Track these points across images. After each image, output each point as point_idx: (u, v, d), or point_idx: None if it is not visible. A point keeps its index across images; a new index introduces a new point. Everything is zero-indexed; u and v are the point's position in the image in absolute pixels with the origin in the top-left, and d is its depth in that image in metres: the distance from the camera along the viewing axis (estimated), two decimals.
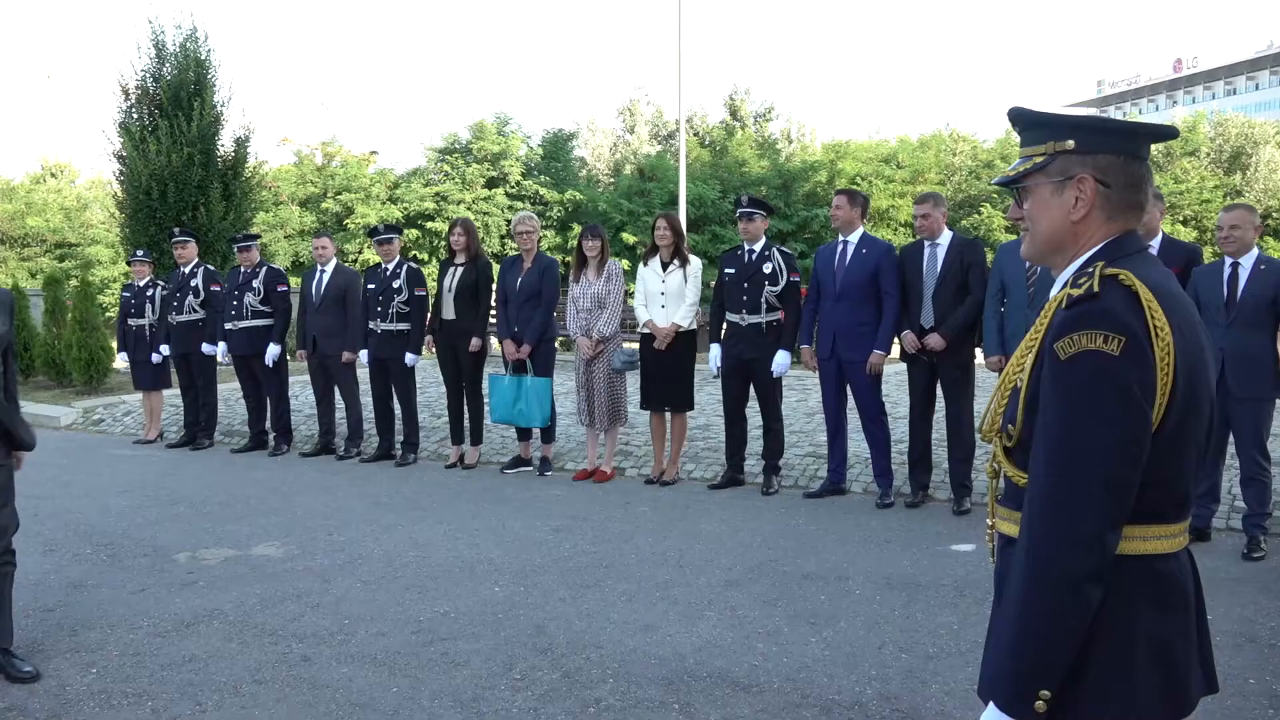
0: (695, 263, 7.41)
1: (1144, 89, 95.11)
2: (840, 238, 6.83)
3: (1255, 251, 5.53)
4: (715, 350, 7.18)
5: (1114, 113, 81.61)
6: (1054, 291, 1.87)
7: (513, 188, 26.91)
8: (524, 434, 8.07)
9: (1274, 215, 27.17)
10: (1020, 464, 1.82)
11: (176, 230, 9.73)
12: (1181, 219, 26.16)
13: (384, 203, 26.81)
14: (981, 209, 27.24)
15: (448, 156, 27.45)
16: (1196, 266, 5.77)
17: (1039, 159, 1.88)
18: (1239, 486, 5.78)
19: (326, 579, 5.27)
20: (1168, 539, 1.76)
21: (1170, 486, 1.75)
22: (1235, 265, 5.49)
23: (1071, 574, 1.66)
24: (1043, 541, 1.68)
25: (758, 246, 7.01)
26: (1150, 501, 1.72)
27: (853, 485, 7.08)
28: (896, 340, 6.70)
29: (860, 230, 6.80)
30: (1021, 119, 1.95)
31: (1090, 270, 1.75)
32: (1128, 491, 1.67)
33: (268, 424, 9.15)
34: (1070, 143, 1.85)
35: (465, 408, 8.25)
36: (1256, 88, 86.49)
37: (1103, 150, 1.84)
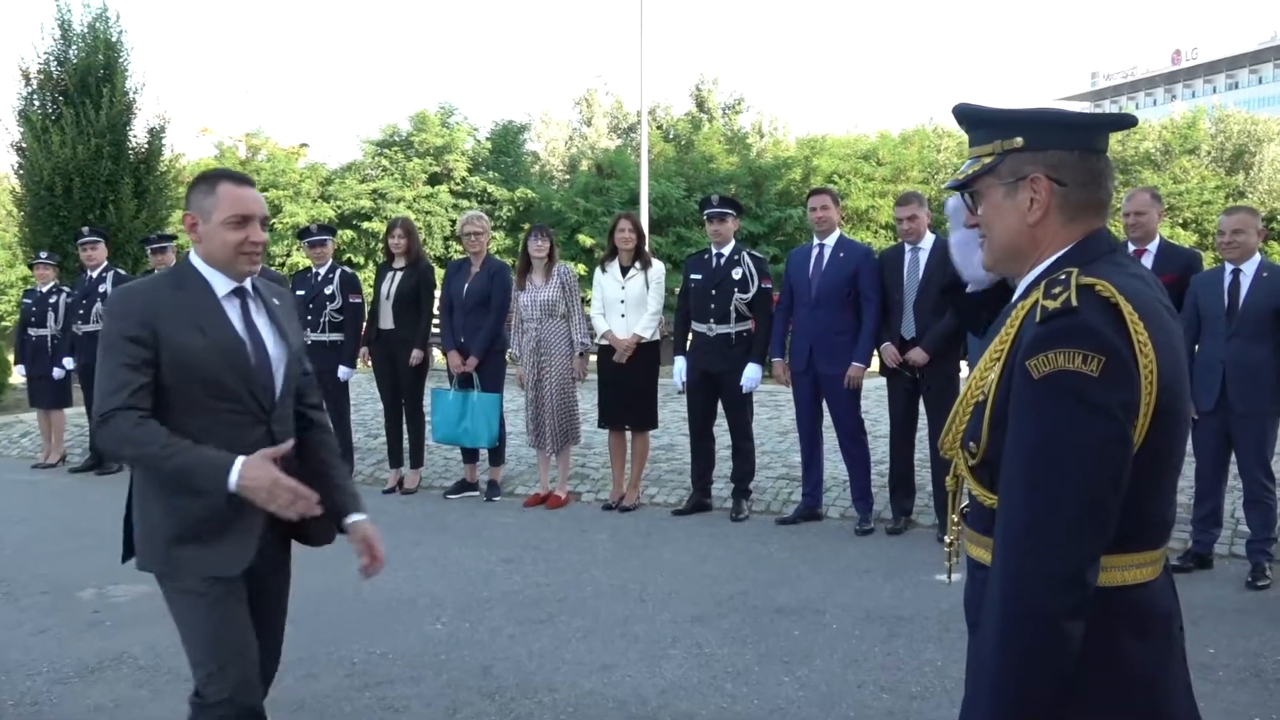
0: (658, 267, 7.45)
1: (1140, 82, 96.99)
2: (815, 240, 6.89)
3: (1258, 258, 5.66)
4: (680, 363, 7.21)
5: (1110, 107, 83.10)
6: (1017, 296, 1.87)
7: (458, 185, 26.83)
8: (470, 455, 8.05)
9: (1278, 219, 27.75)
10: (986, 483, 1.83)
11: (84, 230, 9.60)
12: (1181, 221, 26.63)
13: (315, 200, 26.62)
14: None
15: (386, 150, 27.31)
16: (1195, 273, 5.89)
17: (988, 159, 1.89)
18: (1242, 509, 5.89)
19: None
20: (1150, 566, 1.79)
21: (1152, 511, 1.77)
22: (1237, 272, 5.61)
23: (1051, 612, 1.65)
24: (1019, 578, 1.68)
25: (727, 250, 7.05)
26: (1131, 528, 1.73)
27: (829, 510, 7.13)
28: (876, 352, 6.77)
29: (837, 232, 6.87)
30: (967, 117, 1.96)
31: (1063, 278, 1.74)
32: (1109, 521, 1.68)
33: None
34: (1018, 140, 1.85)
35: (404, 427, 8.22)
36: (1260, 81, 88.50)
37: (1054, 146, 1.84)
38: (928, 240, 6.61)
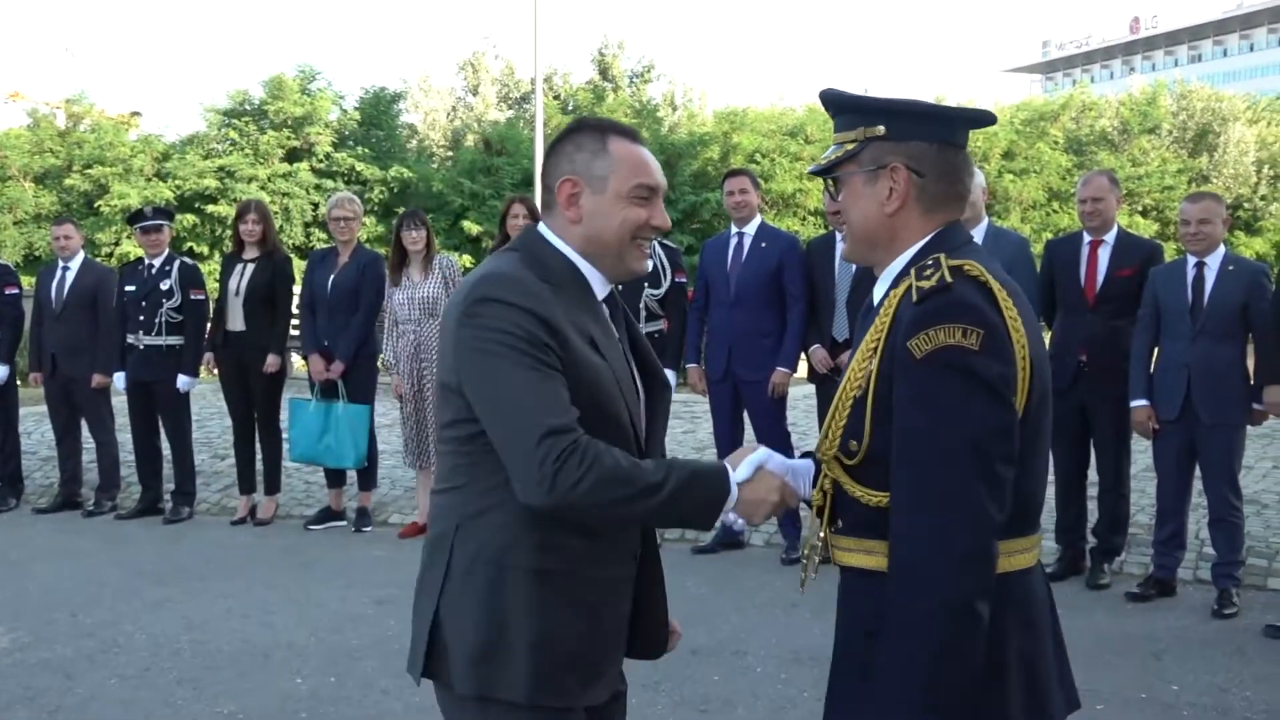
0: None
1: (1096, 52, 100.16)
2: (733, 229, 6.95)
3: (1222, 250, 5.86)
4: None
5: (1063, 80, 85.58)
6: (879, 290, 2.09)
7: (320, 162, 26.47)
8: (335, 479, 7.95)
9: (1244, 206, 28.81)
10: (871, 482, 2.01)
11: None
12: (1140, 209, 27.49)
13: (149, 179, 26.01)
14: None
15: (235, 121, 26.81)
16: (1154, 266, 6.09)
17: (850, 146, 2.11)
18: (1207, 530, 6.10)
19: (70, 674, 5.09)
20: (1031, 552, 2.04)
21: (1028, 493, 2.01)
22: (1200, 265, 5.80)
23: (966, 595, 1.86)
24: (926, 563, 1.87)
25: None
26: (1013, 511, 1.94)
27: (752, 537, 7.18)
28: (804, 356, 6.85)
29: (758, 219, 6.93)
30: (834, 102, 2.17)
31: (931, 262, 1.97)
32: (1005, 493, 1.90)
33: None
34: (881, 128, 2.07)
35: (257, 445, 8.11)
36: (1224, 54, 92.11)
37: (915, 137, 2.07)
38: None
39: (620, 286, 2.44)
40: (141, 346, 8.05)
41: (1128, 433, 6.16)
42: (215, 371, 8.23)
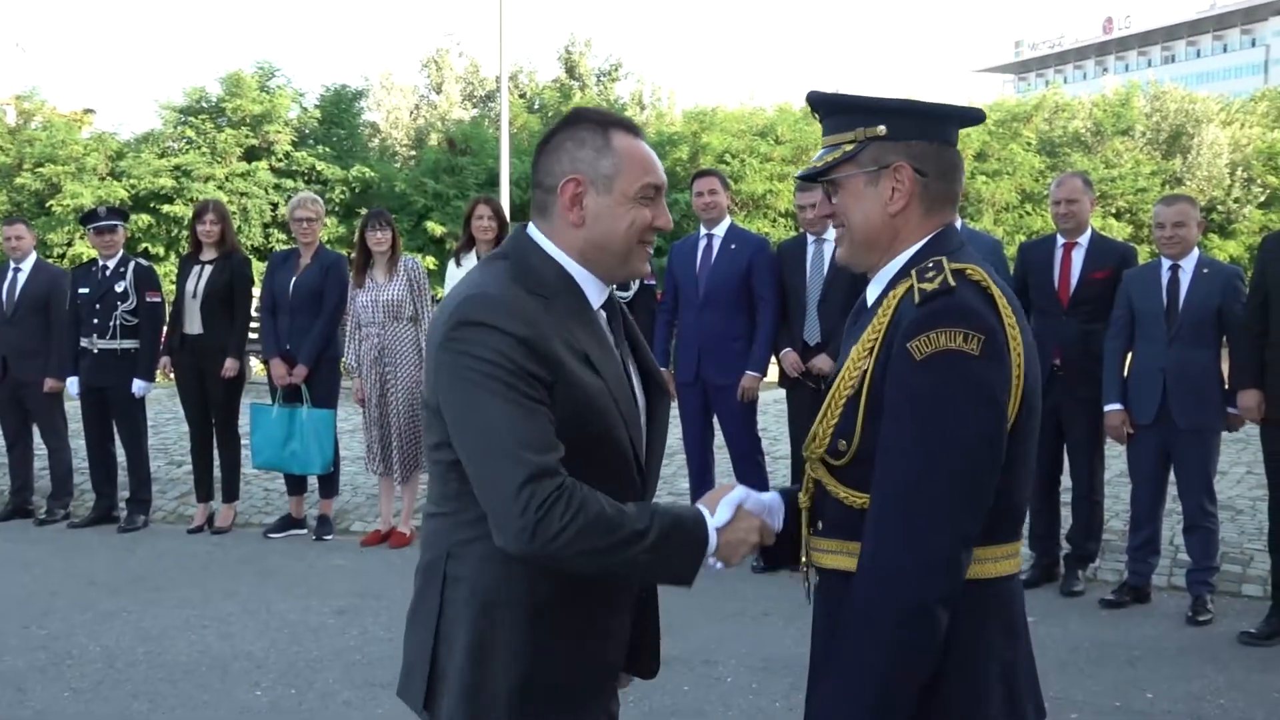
0: None
1: (1069, 53, 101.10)
2: (703, 230, 6.97)
3: (1196, 252, 5.93)
4: None
5: (1035, 80, 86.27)
6: (873, 291, 2.13)
7: (280, 161, 26.32)
8: (295, 486, 7.92)
9: (1218, 209, 29.09)
10: (855, 483, 2.03)
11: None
12: (1114, 211, 27.71)
13: (103, 178, 25.79)
14: None
15: (192, 118, 26.63)
16: (1128, 269, 6.14)
17: (849, 147, 2.12)
18: (1181, 536, 6.16)
19: (21, 687, 5.05)
20: (1013, 559, 2.06)
21: (1015, 500, 2.04)
22: (1175, 268, 5.86)
23: (926, 600, 1.89)
24: (893, 564, 1.91)
25: None
26: (998, 518, 1.98)
27: None
28: (775, 360, 6.87)
29: (728, 221, 6.95)
30: (824, 103, 2.18)
31: (932, 265, 2.00)
32: (985, 503, 1.92)
33: None
34: (882, 128, 2.08)
35: (215, 452, 8.07)
36: (1198, 54, 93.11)
37: (917, 136, 2.10)
38: (834, 231, 6.70)
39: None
40: (95, 350, 7.99)
41: (1102, 437, 6.20)
42: (171, 376, 8.17)
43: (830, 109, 2.17)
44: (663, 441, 2.40)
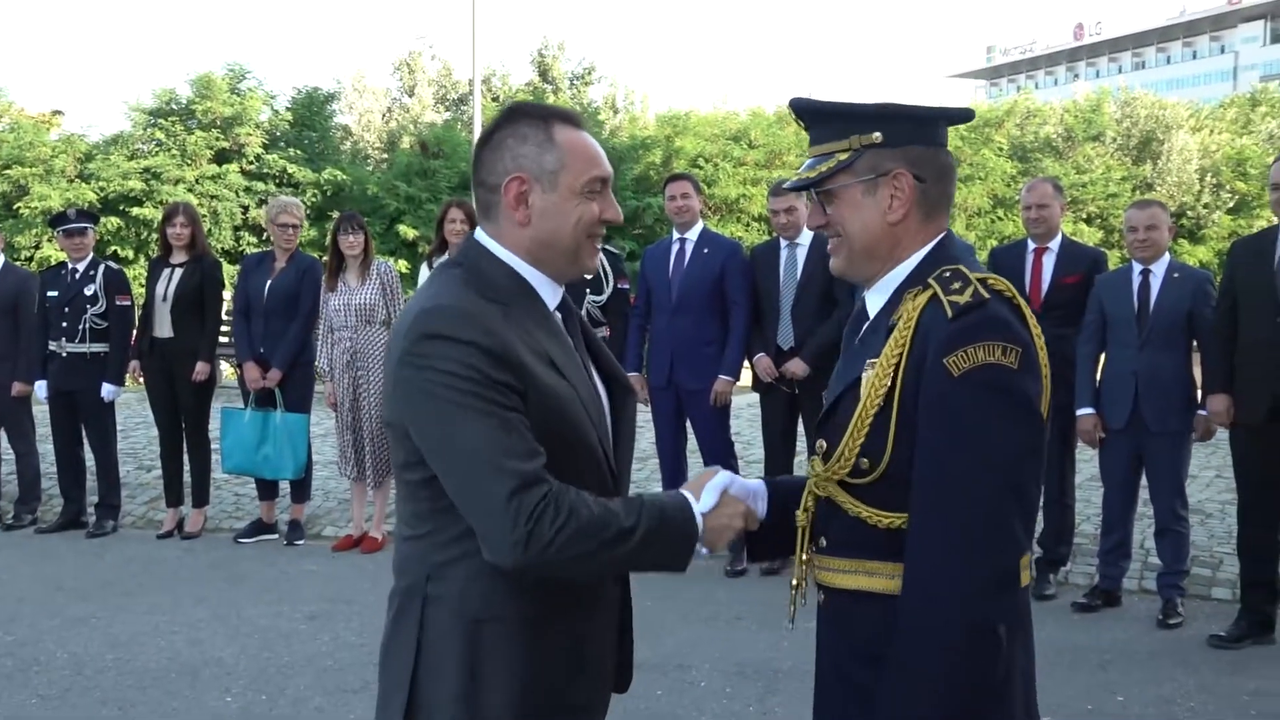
0: None
1: (1040, 58, 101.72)
2: (675, 234, 6.98)
3: (1167, 257, 5.98)
4: None
5: (1007, 86, 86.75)
6: (874, 301, 2.08)
7: (251, 163, 26.18)
8: (267, 490, 7.89)
9: (1187, 214, 29.33)
10: (879, 502, 1.98)
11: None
12: (1085, 216, 27.88)
13: (71, 181, 25.61)
14: None
15: (161, 120, 26.47)
16: (1099, 274, 6.19)
17: (843, 156, 2.05)
18: (1152, 539, 6.20)
19: None
20: (1028, 570, 2.03)
21: (1036, 510, 2.03)
22: (1146, 273, 5.91)
23: (992, 617, 1.85)
24: (954, 584, 1.84)
25: None
26: None
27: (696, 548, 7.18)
28: (748, 364, 6.88)
29: (700, 225, 6.97)
30: (811, 111, 2.11)
31: (950, 274, 1.96)
32: (1034, 516, 1.93)
33: None
34: (878, 135, 2.03)
35: (186, 456, 8.03)
36: (1168, 61, 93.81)
37: (913, 141, 2.05)
38: (806, 236, 6.73)
39: (565, 291, 2.36)
40: (64, 354, 7.95)
41: (1072, 442, 6.24)
42: (140, 380, 8.14)
43: (818, 117, 2.10)
44: (631, 442, 2.36)
